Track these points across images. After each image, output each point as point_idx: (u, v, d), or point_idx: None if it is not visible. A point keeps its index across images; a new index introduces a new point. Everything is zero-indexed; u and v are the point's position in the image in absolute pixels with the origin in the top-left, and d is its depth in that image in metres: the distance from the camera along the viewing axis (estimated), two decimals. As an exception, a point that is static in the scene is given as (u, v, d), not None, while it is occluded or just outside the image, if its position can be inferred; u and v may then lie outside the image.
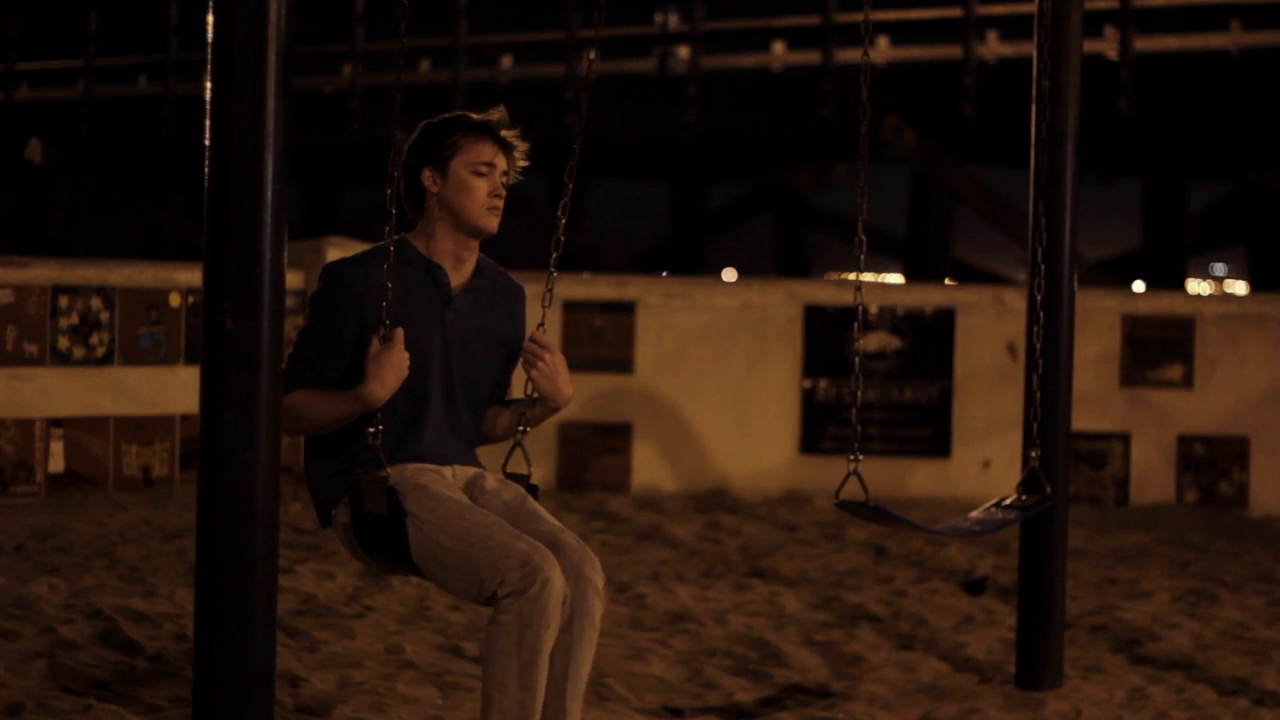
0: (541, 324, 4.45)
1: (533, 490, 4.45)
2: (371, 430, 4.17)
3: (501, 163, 4.38)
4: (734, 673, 5.92)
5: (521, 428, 4.45)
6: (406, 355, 4.19)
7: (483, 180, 4.35)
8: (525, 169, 4.48)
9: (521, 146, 4.43)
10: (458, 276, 4.40)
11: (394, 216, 4.16)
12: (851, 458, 4.51)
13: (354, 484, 4.21)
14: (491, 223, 4.37)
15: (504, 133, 4.39)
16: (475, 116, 4.40)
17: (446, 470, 4.37)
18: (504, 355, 4.49)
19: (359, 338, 4.25)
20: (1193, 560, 8.49)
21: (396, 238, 4.31)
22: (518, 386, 4.52)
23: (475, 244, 4.42)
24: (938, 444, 10.23)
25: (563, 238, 4.47)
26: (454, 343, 4.37)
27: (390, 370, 4.16)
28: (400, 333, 4.19)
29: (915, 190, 17.59)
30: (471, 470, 4.44)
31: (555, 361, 4.41)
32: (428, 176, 4.37)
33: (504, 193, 4.39)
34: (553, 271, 4.49)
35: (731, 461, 10.15)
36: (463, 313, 4.39)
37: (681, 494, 9.96)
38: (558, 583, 4.08)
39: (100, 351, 9.14)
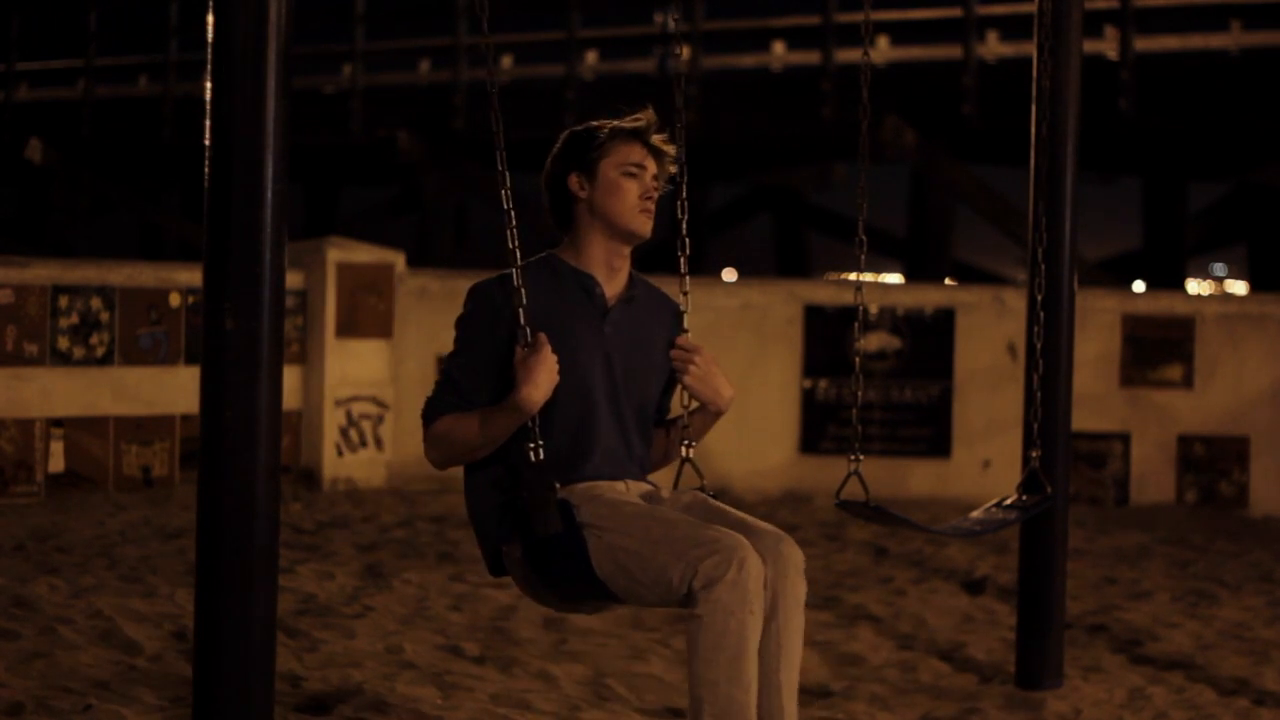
0: (685, 329, 4.32)
1: (712, 498, 4.26)
2: (532, 446, 3.99)
3: (652, 166, 4.22)
4: (734, 673, 5.91)
5: (686, 442, 4.30)
6: (555, 357, 4.00)
7: (633, 181, 4.19)
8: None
9: (672, 152, 4.27)
10: (612, 286, 4.23)
11: (512, 215, 4.01)
12: (852, 458, 4.51)
13: (522, 507, 4.00)
14: (645, 225, 4.20)
15: (654, 138, 4.24)
16: (624, 121, 4.25)
17: (619, 484, 4.18)
18: (667, 371, 4.30)
19: (511, 358, 4.05)
20: (1193, 560, 8.50)
21: (544, 254, 4.19)
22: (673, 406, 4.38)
23: (627, 253, 4.24)
24: (938, 444, 10.23)
25: (688, 237, 4.35)
26: (616, 355, 4.18)
27: (541, 371, 3.98)
28: (544, 336, 4.01)
29: (915, 190, 17.57)
30: (646, 485, 4.25)
31: (707, 363, 4.25)
32: (574, 182, 4.21)
33: (655, 196, 4.22)
34: (685, 273, 4.36)
35: (731, 461, 10.15)
36: (621, 324, 4.20)
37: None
38: (755, 563, 3.86)
39: (100, 351, 9.14)
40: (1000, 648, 6.34)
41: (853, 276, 5.19)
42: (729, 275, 22.87)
